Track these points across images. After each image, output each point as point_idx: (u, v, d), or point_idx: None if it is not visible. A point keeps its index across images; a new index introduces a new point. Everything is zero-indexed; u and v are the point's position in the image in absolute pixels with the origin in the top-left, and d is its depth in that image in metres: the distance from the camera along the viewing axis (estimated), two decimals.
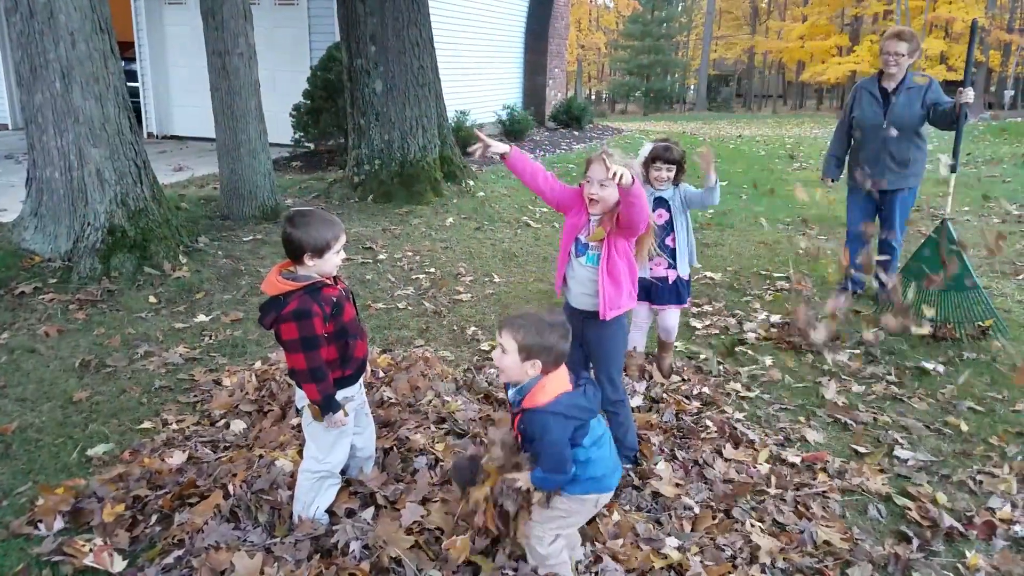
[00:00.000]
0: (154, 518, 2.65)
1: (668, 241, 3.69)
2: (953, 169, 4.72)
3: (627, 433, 3.03)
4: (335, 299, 2.40)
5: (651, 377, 3.94)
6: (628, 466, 3.05)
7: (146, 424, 3.42)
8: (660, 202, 3.70)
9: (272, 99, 8.60)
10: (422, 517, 2.56)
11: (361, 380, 2.66)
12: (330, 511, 2.64)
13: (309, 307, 2.30)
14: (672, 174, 3.69)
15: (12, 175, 8.64)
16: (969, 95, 4.45)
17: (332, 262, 2.39)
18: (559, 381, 2.16)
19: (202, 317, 4.72)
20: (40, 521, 2.63)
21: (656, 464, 3.06)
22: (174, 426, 3.37)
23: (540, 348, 2.10)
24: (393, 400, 3.51)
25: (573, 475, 2.17)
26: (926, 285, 4.45)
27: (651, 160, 3.67)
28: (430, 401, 3.49)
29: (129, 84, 6.46)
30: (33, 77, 5.01)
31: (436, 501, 2.65)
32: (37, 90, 5.03)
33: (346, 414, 2.49)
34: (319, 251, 2.33)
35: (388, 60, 7.91)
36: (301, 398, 2.50)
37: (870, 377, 4.07)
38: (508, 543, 2.36)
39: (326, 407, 2.41)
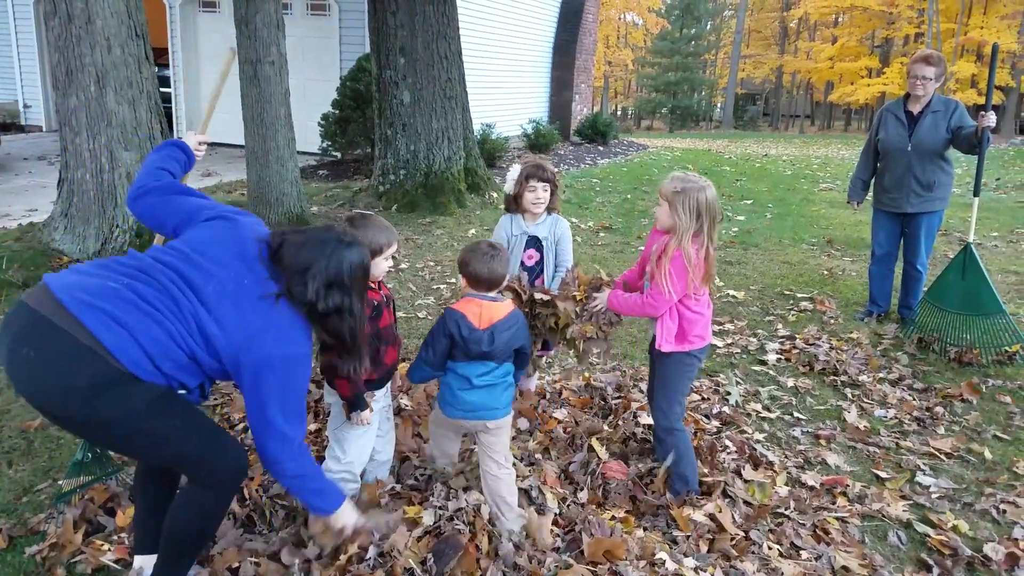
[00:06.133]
0: None
1: (537, 282, 3.36)
2: (976, 193, 4.67)
3: (677, 464, 2.94)
4: (375, 303, 2.49)
5: None
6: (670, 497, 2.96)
7: None
8: (533, 242, 3.38)
9: (301, 108, 8.71)
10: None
11: (388, 386, 2.73)
12: None
13: None
14: (548, 194, 3.31)
15: (44, 176, 8.82)
16: (991, 119, 4.40)
17: (380, 267, 2.48)
18: (467, 304, 2.64)
19: None
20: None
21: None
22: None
23: (463, 268, 2.66)
24: (409, 408, 3.52)
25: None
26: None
27: (524, 180, 3.28)
28: None
29: (162, 89, 6.58)
30: (69, 80, 5.11)
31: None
32: (72, 93, 5.13)
33: (371, 411, 2.56)
34: (371, 254, 2.39)
35: (416, 72, 7.99)
36: (329, 394, 2.57)
37: (893, 401, 4.02)
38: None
39: (355, 404, 2.49)
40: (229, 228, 2.09)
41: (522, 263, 3.40)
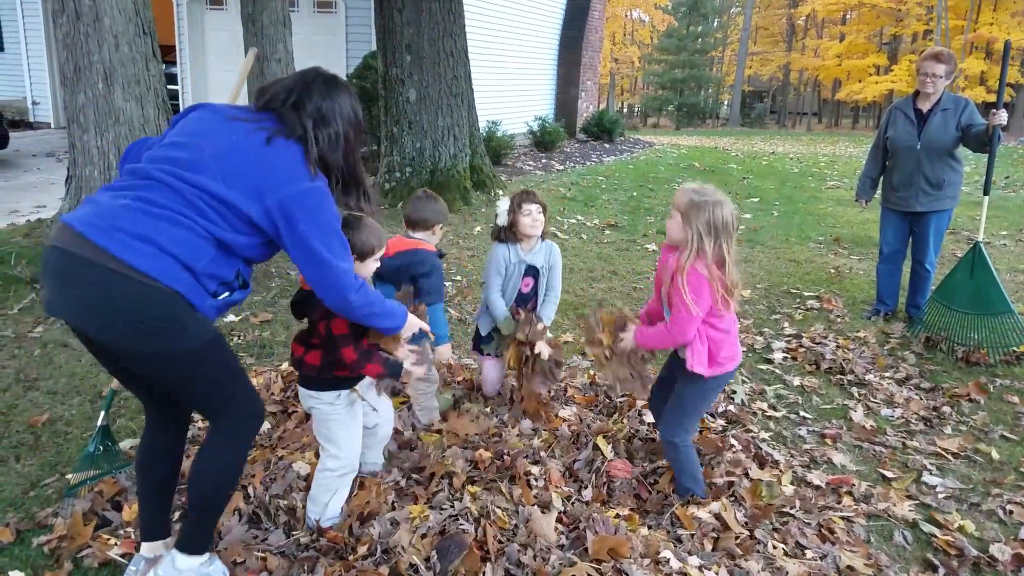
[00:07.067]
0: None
1: (529, 304, 3.50)
2: (986, 191, 4.65)
3: (680, 475, 2.93)
4: None
5: None
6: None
7: None
8: (531, 270, 3.42)
9: None
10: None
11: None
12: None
13: None
14: (543, 216, 3.32)
15: (52, 173, 8.85)
16: (1002, 117, 4.37)
17: (369, 268, 2.49)
18: (395, 238, 3.02)
19: (231, 317, 4.78)
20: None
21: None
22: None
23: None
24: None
25: None
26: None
27: (518, 206, 3.28)
28: (449, 404, 3.51)
29: (169, 87, 6.59)
30: (77, 78, 5.13)
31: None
32: (80, 90, 5.14)
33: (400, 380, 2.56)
34: (362, 255, 2.42)
35: (423, 69, 7.99)
36: (306, 398, 2.55)
37: (899, 401, 4.00)
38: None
39: (394, 372, 2.48)
40: (207, 108, 2.17)
41: (519, 290, 3.44)
